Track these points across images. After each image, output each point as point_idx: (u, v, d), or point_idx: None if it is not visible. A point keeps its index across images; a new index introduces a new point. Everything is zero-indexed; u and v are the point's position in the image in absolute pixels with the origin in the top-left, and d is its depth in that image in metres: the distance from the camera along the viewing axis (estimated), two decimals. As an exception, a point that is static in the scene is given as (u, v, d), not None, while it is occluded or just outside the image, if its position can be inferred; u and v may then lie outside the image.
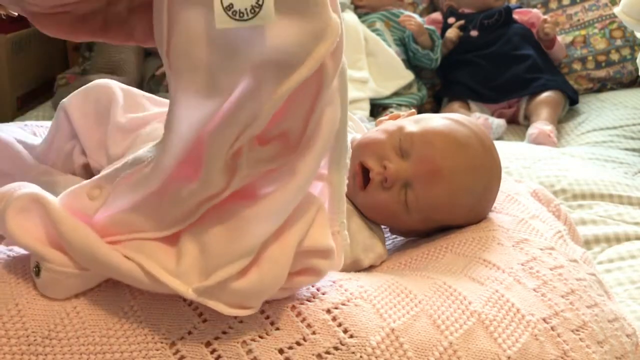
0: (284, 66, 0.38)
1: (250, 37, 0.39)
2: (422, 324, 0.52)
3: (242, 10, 0.35)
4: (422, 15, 2.12)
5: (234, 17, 0.36)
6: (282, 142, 0.43)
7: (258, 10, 0.35)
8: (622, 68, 1.99)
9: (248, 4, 0.35)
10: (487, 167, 0.72)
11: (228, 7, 0.35)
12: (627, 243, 1.06)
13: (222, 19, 0.36)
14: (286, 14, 0.37)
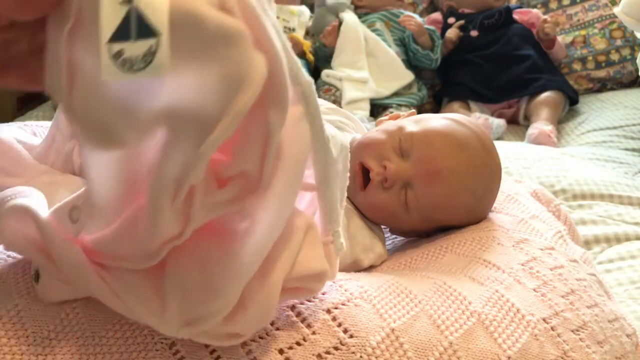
0: (198, 120, 0.33)
1: (152, 89, 0.34)
2: (422, 324, 0.52)
3: (133, 59, 0.30)
4: (422, 16, 2.12)
5: (123, 68, 0.30)
6: (242, 182, 0.38)
7: (151, 59, 0.30)
8: (622, 68, 1.99)
9: (139, 52, 0.30)
10: (487, 167, 0.72)
11: (116, 55, 0.30)
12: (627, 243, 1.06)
13: (109, 70, 0.31)
14: (192, 59, 0.32)
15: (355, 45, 1.87)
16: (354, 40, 1.87)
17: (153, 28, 0.30)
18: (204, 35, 0.32)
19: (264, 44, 0.34)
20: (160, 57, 0.30)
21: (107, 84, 0.34)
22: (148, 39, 0.30)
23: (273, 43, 0.35)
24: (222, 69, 0.32)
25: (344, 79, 1.82)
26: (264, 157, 0.36)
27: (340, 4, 1.98)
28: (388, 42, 1.92)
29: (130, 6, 0.30)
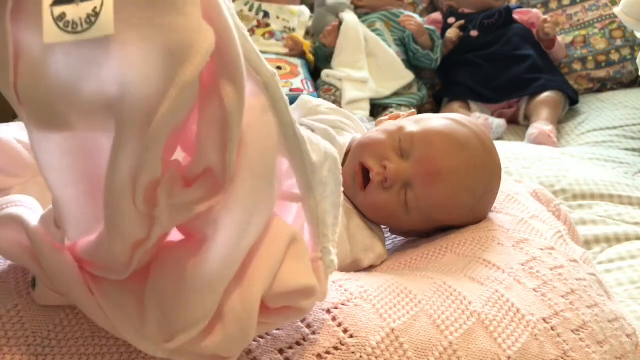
0: (140, 98, 0.32)
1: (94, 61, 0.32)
2: (422, 324, 0.52)
3: (76, 21, 0.29)
4: (422, 16, 2.12)
5: (66, 29, 0.30)
6: (209, 180, 0.36)
7: (94, 20, 0.29)
8: (622, 68, 1.98)
9: (83, 13, 0.29)
10: (487, 168, 0.72)
11: (59, 18, 0.30)
12: (627, 243, 1.06)
13: (52, 32, 0.30)
14: (136, 25, 0.31)
15: (355, 45, 1.87)
16: (354, 40, 1.87)
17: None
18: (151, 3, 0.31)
19: (214, 17, 0.33)
20: (104, 17, 0.30)
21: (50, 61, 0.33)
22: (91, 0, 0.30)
23: (224, 18, 0.33)
24: (168, 39, 0.31)
25: (344, 79, 1.82)
26: (225, 145, 0.34)
27: (340, 4, 1.98)
28: (388, 42, 1.92)
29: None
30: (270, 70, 0.37)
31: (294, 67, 1.84)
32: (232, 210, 0.37)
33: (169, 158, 0.36)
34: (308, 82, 1.82)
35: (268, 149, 0.38)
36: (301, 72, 1.84)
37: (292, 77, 1.80)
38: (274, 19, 1.98)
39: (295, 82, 1.78)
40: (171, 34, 0.31)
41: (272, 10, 1.99)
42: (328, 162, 0.44)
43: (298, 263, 0.42)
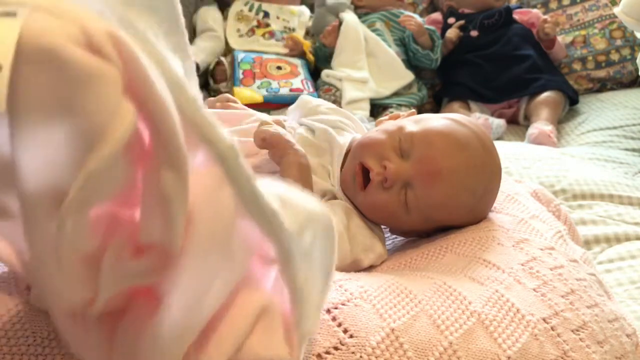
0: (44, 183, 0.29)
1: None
2: (422, 324, 0.52)
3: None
4: (422, 16, 2.12)
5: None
6: (157, 253, 0.33)
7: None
8: (622, 68, 1.98)
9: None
10: (487, 168, 0.72)
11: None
12: (627, 243, 1.06)
13: None
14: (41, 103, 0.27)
15: (355, 45, 1.87)
16: (354, 40, 1.87)
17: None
18: (60, 79, 0.26)
19: (140, 90, 0.29)
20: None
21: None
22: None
23: (154, 91, 0.29)
24: (77, 121, 0.27)
25: (344, 79, 1.82)
26: (169, 226, 0.31)
27: (340, 4, 1.98)
28: (388, 42, 1.92)
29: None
30: (228, 141, 0.33)
31: (294, 67, 1.84)
32: (184, 282, 0.34)
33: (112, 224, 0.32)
34: (308, 82, 1.82)
35: (222, 224, 0.34)
36: (301, 72, 1.84)
37: (292, 77, 1.80)
38: (274, 19, 1.98)
39: (295, 82, 1.78)
40: (81, 116, 0.27)
41: (272, 10, 1.99)
42: (312, 226, 0.40)
43: (268, 333, 0.39)
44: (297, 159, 0.70)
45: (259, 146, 0.71)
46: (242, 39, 1.92)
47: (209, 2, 2.00)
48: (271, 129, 0.71)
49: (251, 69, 1.79)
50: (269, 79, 1.77)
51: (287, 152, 0.70)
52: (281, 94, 1.73)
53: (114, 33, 0.28)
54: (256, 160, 0.74)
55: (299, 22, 2.01)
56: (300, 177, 0.70)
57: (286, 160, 0.70)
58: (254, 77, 1.77)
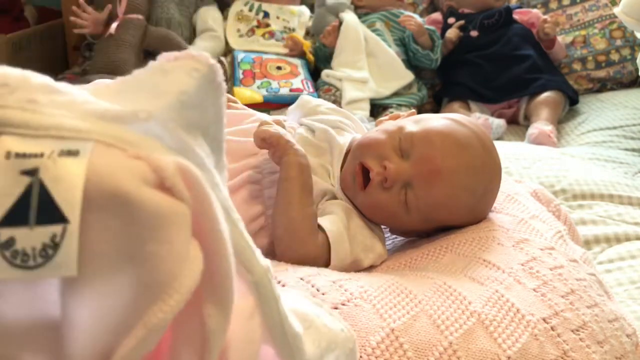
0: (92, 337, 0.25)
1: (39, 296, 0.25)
2: (422, 324, 0.52)
3: (28, 252, 0.22)
4: (422, 16, 2.12)
5: (12, 262, 0.22)
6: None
7: (52, 254, 0.22)
8: (622, 68, 1.98)
9: (37, 242, 0.22)
10: (487, 168, 0.72)
11: (5, 245, 0.22)
12: (627, 243, 1.06)
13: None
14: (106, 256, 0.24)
15: (355, 45, 1.87)
16: (354, 40, 1.87)
17: (59, 211, 0.22)
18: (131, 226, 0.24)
19: (206, 232, 0.26)
20: (66, 252, 0.22)
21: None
22: (51, 225, 0.22)
23: (219, 229, 0.26)
24: (144, 271, 0.24)
25: (344, 79, 1.82)
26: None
27: (340, 4, 1.98)
28: (388, 42, 1.92)
29: (33, 179, 0.22)
30: (264, 266, 0.31)
31: (294, 67, 1.84)
32: None
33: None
34: (308, 82, 1.82)
35: (250, 353, 0.32)
36: (301, 72, 1.84)
37: (292, 77, 1.80)
38: (274, 19, 1.98)
39: (295, 82, 1.78)
40: (149, 264, 0.24)
41: (272, 10, 1.99)
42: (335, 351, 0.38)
43: None
44: (297, 159, 0.70)
45: (259, 146, 0.71)
46: (242, 39, 1.93)
47: (209, 2, 2.00)
48: (271, 129, 0.71)
49: (251, 69, 1.79)
50: (269, 79, 1.77)
51: (287, 152, 0.70)
52: (281, 94, 1.73)
53: (183, 167, 0.25)
54: (256, 161, 0.74)
55: (299, 22, 2.01)
56: (300, 177, 0.70)
57: (286, 160, 0.70)
58: (254, 77, 1.77)
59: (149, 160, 0.24)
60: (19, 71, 0.24)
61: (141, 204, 0.23)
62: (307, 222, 0.68)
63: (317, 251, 0.67)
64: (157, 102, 0.26)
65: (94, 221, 0.23)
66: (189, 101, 0.27)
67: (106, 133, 0.24)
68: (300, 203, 0.68)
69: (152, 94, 0.27)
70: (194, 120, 0.28)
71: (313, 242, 0.67)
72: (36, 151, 0.22)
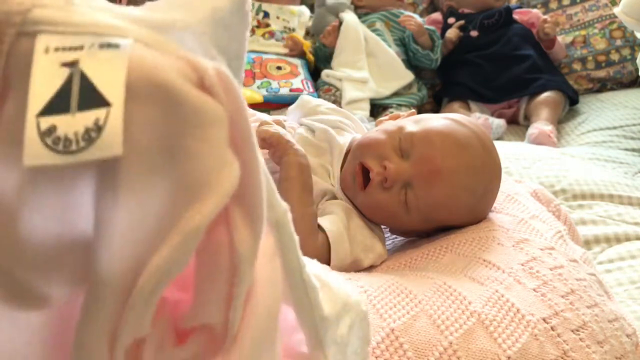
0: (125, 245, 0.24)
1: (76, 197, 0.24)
2: (422, 324, 0.52)
3: (70, 137, 0.21)
4: (422, 16, 2.12)
5: (55, 148, 0.21)
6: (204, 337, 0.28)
7: (96, 136, 0.21)
8: (622, 68, 1.98)
9: (80, 126, 0.21)
10: (487, 168, 0.72)
11: (47, 132, 0.21)
12: (627, 243, 1.06)
13: (36, 151, 0.21)
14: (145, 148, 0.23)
15: (355, 45, 1.87)
16: (354, 40, 1.87)
17: (102, 97, 0.22)
18: (173, 120, 0.23)
19: (242, 144, 0.25)
20: (110, 132, 0.21)
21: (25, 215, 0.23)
22: (93, 110, 0.22)
23: (253, 145, 0.26)
24: (181, 170, 0.23)
25: (344, 79, 1.82)
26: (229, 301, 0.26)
27: (340, 4, 1.98)
28: (388, 42, 1.92)
29: (73, 69, 0.22)
30: (283, 206, 0.30)
31: (294, 67, 1.84)
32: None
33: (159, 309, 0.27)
34: (308, 82, 1.82)
35: (275, 302, 0.30)
36: (301, 72, 1.84)
37: (292, 77, 1.80)
38: (274, 19, 1.98)
39: (295, 82, 1.78)
40: (187, 163, 0.23)
41: (272, 10, 1.99)
42: (349, 316, 0.37)
43: None
44: (297, 159, 0.70)
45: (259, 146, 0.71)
46: (242, 39, 1.92)
47: (209, 2, 2.00)
48: (271, 129, 0.71)
49: (251, 69, 1.79)
50: (269, 79, 1.77)
51: (287, 152, 0.70)
52: (281, 94, 1.73)
53: (221, 72, 0.25)
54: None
55: (299, 22, 2.01)
56: (300, 177, 0.70)
57: (286, 160, 0.70)
58: (254, 77, 1.77)
59: (189, 59, 0.24)
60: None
61: (184, 98, 0.23)
62: (307, 222, 0.68)
63: (317, 251, 0.67)
64: (192, 14, 0.27)
65: (135, 111, 0.22)
66: (222, 19, 0.27)
67: (142, 33, 0.24)
68: (300, 203, 0.68)
69: (186, 7, 0.27)
70: (223, 43, 0.28)
71: (313, 242, 0.67)
72: (75, 45, 0.22)
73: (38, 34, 0.22)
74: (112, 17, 0.24)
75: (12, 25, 0.22)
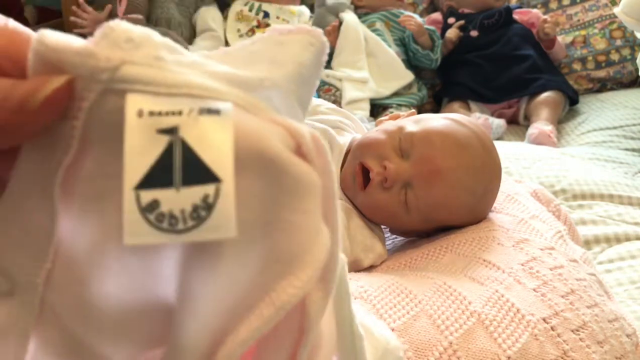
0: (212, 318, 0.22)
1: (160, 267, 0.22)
2: (422, 324, 0.52)
3: (176, 215, 0.20)
4: (422, 16, 2.12)
5: (160, 226, 0.20)
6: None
7: (205, 215, 0.20)
8: (622, 68, 1.98)
9: (187, 203, 0.20)
10: (487, 168, 0.72)
11: (149, 208, 0.19)
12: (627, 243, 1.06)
13: (137, 229, 0.19)
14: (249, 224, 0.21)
15: (355, 45, 1.87)
16: (354, 40, 1.87)
17: (209, 171, 0.20)
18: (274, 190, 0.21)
19: (330, 211, 0.24)
20: (222, 212, 0.20)
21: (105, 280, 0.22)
22: (200, 185, 0.20)
23: (337, 208, 0.24)
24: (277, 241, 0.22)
25: (344, 79, 1.82)
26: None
27: (340, 4, 1.98)
28: (388, 42, 1.92)
29: (173, 138, 0.20)
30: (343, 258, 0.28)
31: (294, 67, 1.84)
32: None
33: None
34: (308, 82, 1.81)
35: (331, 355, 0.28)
36: (301, 72, 1.84)
37: (292, 77, 1.80)
38: (274, 19, 1.98)
39: (295, 82, 1.78)
40: (283, 235, 0.22)
41: (272, 10, 1.99)
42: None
43: None
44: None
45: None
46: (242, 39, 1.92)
47: (209, 2, 2.00)
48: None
49: (251, 69, 1.79)
50: (269, 79, 1.77)
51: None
52: (281, 94, 1.73)
53: (316, 137, 0.23)
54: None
55: (299, 22, 2.01)
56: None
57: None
58: (254, 77, 1.77)
59: (286, 125, 0.23)
60: (140, 27, 0.22)
61: (287, 167, 0.21)
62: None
63: (317, 251, 0.67)
64: (277, 71, 0.25)
65: (242, 185, 0.21)
66: (305, 74, 0.26)
67: (238, 95, 0.22)
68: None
69: (271, 63, 0.25)
70: (304, 96, 0.27)
71: (313, 242, 0.67)
72: (172, 109, 0.20)
73: (128, 93, 0.20)
74: (202, 75, 0.22)
75: (97, 82, 0.20)
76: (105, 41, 0.21)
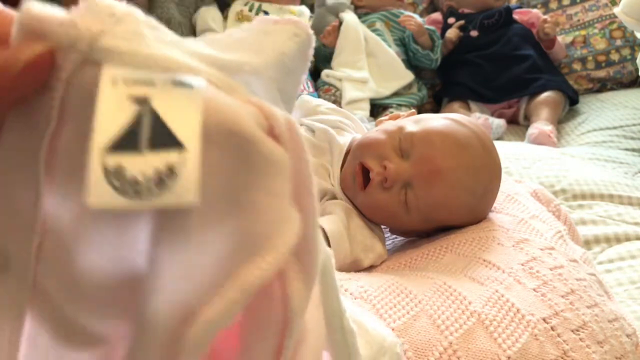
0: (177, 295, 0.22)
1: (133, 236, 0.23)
2: (422, 324, 0.52)
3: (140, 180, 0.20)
4: (422, 16, 2.12)
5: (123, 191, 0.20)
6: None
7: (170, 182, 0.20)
8: (622, 68, 1.98)
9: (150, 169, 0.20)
10: (487, 168, 0.72)
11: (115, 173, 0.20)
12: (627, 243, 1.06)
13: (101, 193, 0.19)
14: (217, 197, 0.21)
15: (355, 45, 1.87)
16: (354, 40, 1.87)
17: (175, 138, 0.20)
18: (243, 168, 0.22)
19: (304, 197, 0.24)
20: (186, 179, 0.20)
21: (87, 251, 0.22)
22: (166, 151, 0.20)
23: (313, 193, 0.24)
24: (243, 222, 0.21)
25: (344, 79, 1.82)
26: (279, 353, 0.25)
27: (340, 4, 1.98)
28: (388, 42, 1.92)
29: (144, 106, 0.20)
30: (328, 252, 0.28)
31: (294, 67, 1.84)
32: None
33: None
34: (308, 82, 1.82)
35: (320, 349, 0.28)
36: (301, 72, 1.83)
37: (292, 77, 1.80)
38: (274, 19, 1.98)
39: (295, 82, 1.78)
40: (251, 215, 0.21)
41: (272, 10, 1.99)
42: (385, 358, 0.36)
43: None
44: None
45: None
46: (242, 39, 1.93)
47: (209, 2, 2.00)
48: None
49: (251, 69, 1.79)
50: (269, 79, 1.77)
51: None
52: (281, 94, 1.73)
53: (290, 120, 0.23)
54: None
55: (299, 22, 2.01)
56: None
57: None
58: (254, 77, 1.77)
59: (260, 105, 0.23)
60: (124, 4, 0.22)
61: (257, 145, 0.22)
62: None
63: (317, 251, 0.67)
64: (258, 58, 0.26)
65: (209, 157, 0.21)
66: (288, 64, 0.26)
67: (214, 74, 0.22)
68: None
69: (253, 50, 0.26)
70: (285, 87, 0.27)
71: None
72: (146, 80, 0.21)
73: (104, 63, 0.21)
74: (181, 53, 0.23)
75: (76, 51, 0.21)
76: (89, 14, 0.21)
